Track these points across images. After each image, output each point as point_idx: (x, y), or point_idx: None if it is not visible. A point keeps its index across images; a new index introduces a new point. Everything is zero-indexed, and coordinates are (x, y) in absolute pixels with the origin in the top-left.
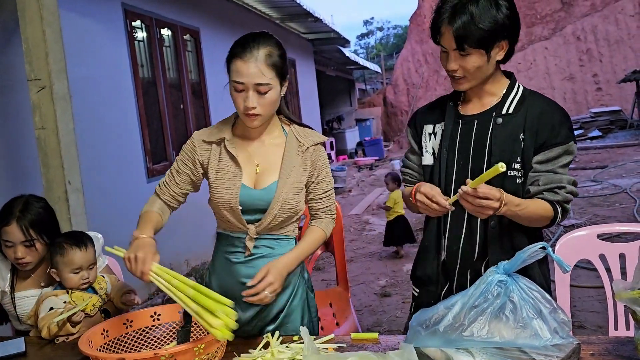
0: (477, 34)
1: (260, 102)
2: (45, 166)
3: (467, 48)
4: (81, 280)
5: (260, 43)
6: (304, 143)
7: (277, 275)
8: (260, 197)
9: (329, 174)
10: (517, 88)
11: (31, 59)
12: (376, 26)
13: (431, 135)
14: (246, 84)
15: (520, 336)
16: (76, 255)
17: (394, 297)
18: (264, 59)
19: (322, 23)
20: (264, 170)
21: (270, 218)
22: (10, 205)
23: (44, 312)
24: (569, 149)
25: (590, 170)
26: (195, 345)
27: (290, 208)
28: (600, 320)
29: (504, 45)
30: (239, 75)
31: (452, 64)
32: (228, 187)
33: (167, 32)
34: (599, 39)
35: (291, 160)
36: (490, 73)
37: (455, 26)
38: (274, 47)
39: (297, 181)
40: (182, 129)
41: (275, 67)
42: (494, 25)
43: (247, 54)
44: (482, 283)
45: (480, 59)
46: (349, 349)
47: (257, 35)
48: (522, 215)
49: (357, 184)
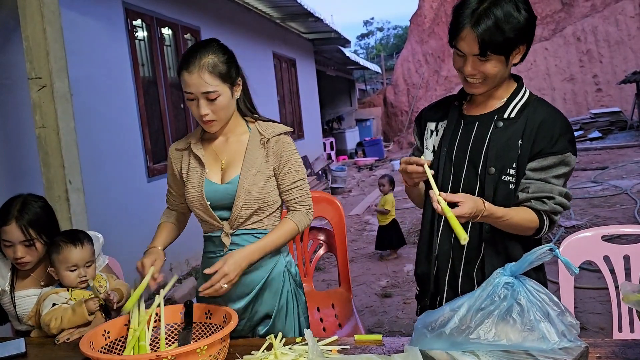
0: (501, 39)
1: (211, 108)
2: (45, 165)
3: (490, 54)
4: (78, 278)
5: (202, 53)
6: (265, 135)
7: (232, 266)
8: (226, 191)
9: (298, 164)
10: (522, 93)
11: (32, 58)
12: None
13: (433, 132)
14: (194, 94)
15: (527, 339)
16: (71, 253)
17: (395, 298)
18: (207, 68)
19: (322, 23)
20: (228, 165)
21: (237, 210)
22: (8, 205)
23: (47, 309)
24: (565, 159)
25: (591, 171)
26: (198, 347)
27: (257, 199)
28: (602, 322)
29: (522, 49)
30: (187, 86)
31: (469, 68)
32: (195, 185)
33: (168, 31)
34: (599, 39)
35: (253, 153)
36: (506, 77)
37: (480, 31)
38: (217, 54)
39: (260, 172)
40: (182, 129)
41: (220, 74)
42: (518, 31)
43: (191, 66)
44: (488, 285)
45: (500, 64)
46: (352, 350)
47: (200, 45)
48: (503, 226)
49: (357, 184)
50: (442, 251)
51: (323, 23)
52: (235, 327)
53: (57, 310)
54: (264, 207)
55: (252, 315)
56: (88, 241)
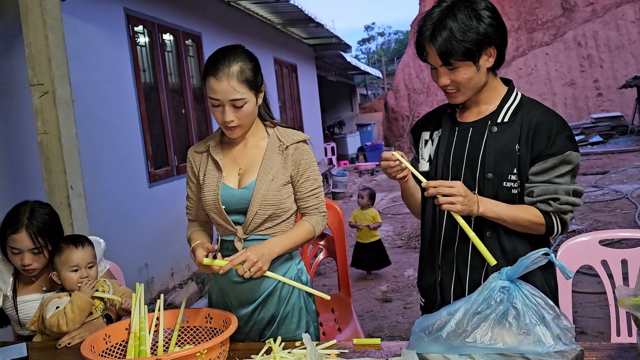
0: (460, 47)
1: (237, 115)
2: (47, 171)
3: (454, 62)
4: (80, 279)
5: (232, 60)
6: (284, 142)
7: (254, 252)
8: (242, 196)
9: (315, 172)
10: (514, 96)
11: (34, 64)
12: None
13: (427, 141)
14: (221, 100)
15: (523, 342)
16: (73, 253)
17: (395, 303)
18: (236, 76)
19: (323, 28)
20: (246, 170)
21: (251, 215)
22: (16, 213)
23: (51, 312)
24: (566, 159)
25: (591, 176)
26: (198, 350)
27: (272, 205)
28: (601, 326)
29: (491, 52)
30: (214, 93)
31: (443, 79)
32: (212, 189)
33: (169, 37)
34: (600, 44)
35: (271, 159)
36: (483, 82)
37: (437, 44)
38: (245, 62)
39: (277, 178)
40: (183, 134)
41: (248, 82)
42: (476, 36)
43: (220, 72)
44: (485, 289)
45: (470, 70)
46: (351, 354)
47: (228, 51)
48: (506, 219)
49: (358, 189)
50: (446, 260)
51: (324, 28)
52: (235, 331)
53: (60, 311)
54: (279, 213)
55: (260, 320)
56: (89, 243)
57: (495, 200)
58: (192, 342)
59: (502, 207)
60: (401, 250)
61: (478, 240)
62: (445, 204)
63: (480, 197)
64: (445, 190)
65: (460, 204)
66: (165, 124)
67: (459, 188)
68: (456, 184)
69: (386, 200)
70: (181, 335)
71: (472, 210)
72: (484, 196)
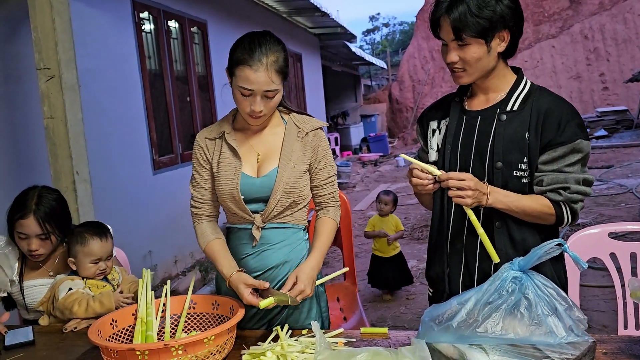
0: (474, 22)
1: (266, 105)
2: (53, 156)
3: (466, 38)
4: (98, 271)
5: (269, 50)
6: (303, 129)
7: (306, 281)
8: (262, 185)
9: (332, 159)
10: (524, 84)
11: (40, 48)
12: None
13: (435, 131)
14: (255, 91)
15: (534, 333)
16: (97, 246)
17: (397, 293)
18: (274, 67)
19: (328, 18)
20: (264, 158)
21: (274, 203)
22: (24, 198)
23: (63, 293)
24: (576, 147)
25: (596, 170)
26: (205, 337)
27: (293, 193)
28: (606, 320)
29: (504, 35)
30: (248, 83)
31: (451, 55)
32: (229, 178)
33: (175, 24)
34: (607, 38)
35: (291, 146)
36: (492, 66)
37: (453, 17)
38: (280, 52)
39: (298, 165)
40: (188, 122)
41: (283, 72)
42: (492, 14)
43: (257, 63)
44: (496, 279)
45: (480, 50)
46: (358, 343)
47: (262, 39)
48: (516, 210)
49: (362, 179)
50: (454, 250)
51: (329, 18)
52: (242, 318)
53: (80, 296)
54: (298, 201)
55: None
56: (110, 235)
57: (505, 191)
58: (198, 329)
59: (511, 198)
60: (404, 241)
61: (485, 237)
62: (455, 197)
63: (490, 187)
64: (455, 183)
65: (470, 198)
66: (169, 111)
67: (469, 181)
68: (466, 176)
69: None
70: (187, 321)
71: (481, 202)
72: (492, 184)
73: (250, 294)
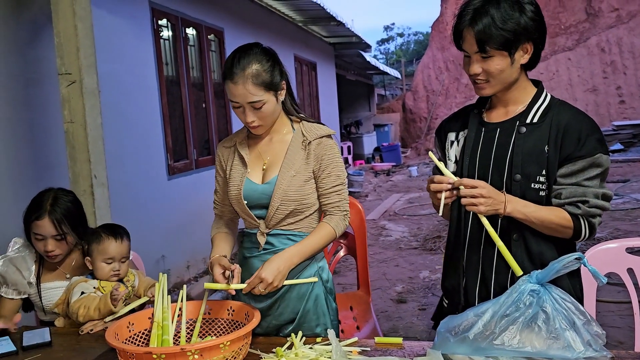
0: (498, 35)
1: (257, 115)
2: (72, 159)
3: (489, 50)
4: (112, 272)
5: (246, 63)
6: (307, 137)
7: (270, 272)
8: (263, 191)
9: (339, 169)
10: (544, 97)
11: (62, 53)
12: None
13: (453, 142)
14: (240, 103)
15: (552, 347)
16: (111, 245)
17: (410, 304)
18: (251, 80)
19: (344, 27)
20: (270, 166)
21: (273, 210)
22: (40, 199)
23: (75, 296)
24: (596, 161)
25: (612, 184)
26: (222, 342)
27: (294, 201)
28: (621, 336)
29: (528, 47)
30: (232, 96)
31: (474, 67)
32: (236, 184)
33: (192, 31)
34: (624, 51)
35: (294, 154)
36: (514, 78)
37: (477, 29)
38: (261, 63)
39: (299, 174)
40: (203, 128)
41: (264, 84)
42: (517, 27)
43: (235, 76)
44: (514, 292)
45: (504, 62)
46: (372, 353)
47: (243, 52)
48: (535, 220)
49: (374, 189)
50: (471, 262)
51: (344, 27)
52: (257, 324)
53: (86, 299)
54: (301, 209)
55: (278, 315)
56: (127, 238)
57: (524, 201)
58: (213, 334)
59: (530, 209)
60: (417, 252)
61: (506, 251)
62: (468, 205)
63: (509, 196)
64: (466, 191)
65: (483, 205)
66: (185, 117)
67: (481, 189)
68: (480, 183)
69: (402, 202)
70: (202, 326)
71: (498, 210)
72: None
73: (221, 274)
